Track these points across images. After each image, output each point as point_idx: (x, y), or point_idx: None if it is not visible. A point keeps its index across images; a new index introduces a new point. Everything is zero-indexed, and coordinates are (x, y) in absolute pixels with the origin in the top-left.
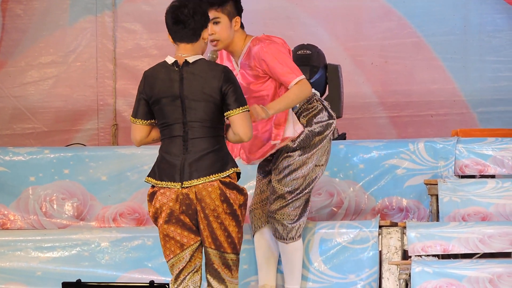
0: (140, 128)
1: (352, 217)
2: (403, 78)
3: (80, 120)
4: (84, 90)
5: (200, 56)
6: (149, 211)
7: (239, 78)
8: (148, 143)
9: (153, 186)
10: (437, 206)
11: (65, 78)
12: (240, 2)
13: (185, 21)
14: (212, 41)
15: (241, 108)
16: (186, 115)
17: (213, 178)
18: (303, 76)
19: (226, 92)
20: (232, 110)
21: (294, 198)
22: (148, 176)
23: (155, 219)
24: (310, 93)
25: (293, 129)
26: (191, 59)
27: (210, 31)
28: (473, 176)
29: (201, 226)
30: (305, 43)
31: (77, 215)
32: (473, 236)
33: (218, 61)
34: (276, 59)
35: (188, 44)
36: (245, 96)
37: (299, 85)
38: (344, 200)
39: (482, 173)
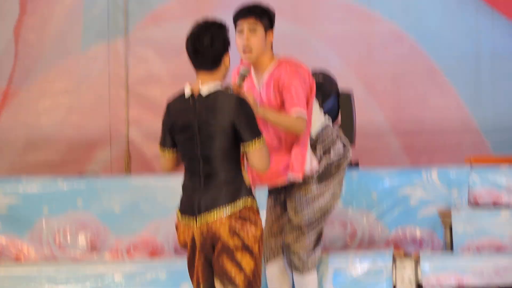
0: (166, 157)
1: (365, 248)
2: (416, 105)
3: (93, 149)
4: (96, 118)
5: (216, 87)
6: (178, 240)
7: (257, 97)
8: (176, 169)
9: (177, 221)
10: (451, 236)
11: (77, 107)
12: (274, 18)
13: (203, 51)
14: (245, 49)
15: (255, 140)
16: (201, 149)
17: (224, 212)
18: (305, 115)
19: (240, 125)
20: (247, 142)
21: (310, 229)
22: (178, 207)
23: (183, 248)
24: (300, 131)
25: (311, 165)
26: (205, 91)
27: (246, 37)
28: (487, 205)
29: (213, 261)
30: (317, 69)
31: (90, 247)
32: (488, 267)
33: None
34: (292, 86)
35: (208, 72)
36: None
37: (299, 119)
38: (357, 231)
39: (496, 202)
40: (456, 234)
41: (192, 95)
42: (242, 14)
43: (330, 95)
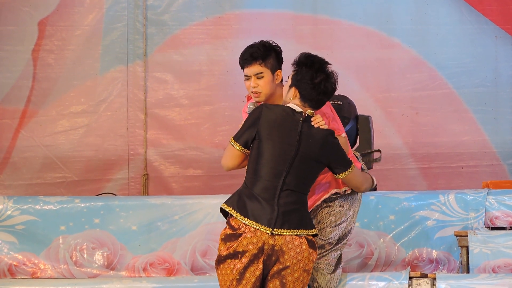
0: (236, 154)
1: (382, 268)
2: (434, 130)
3: (111, 169)
4: (115, 139)
5: None
6: (221, 250)
7: None
8: (236, 169)
9: (233, 229)
10: (467, 257)
11: (96, 128)
12: (281, 54)
13: (327, 95)
14: (254, 92)
15: (348, 170)
16: (292, 166)
17: (302, 233)
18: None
19: (332, 157)
20: (340, 174)
21: (333, 249)
22: (230, 206)
23: (225, 260)
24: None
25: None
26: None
27: (253, 83)
28: (503, 228)
29: (274, 276)
30: (336, 94)
31: (107, 265)
32: None
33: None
34: (328, 115)
35: (311, 109)
36: None
37: (344, 138)
38: (374, 251)
39: None
40: (473, 256)
41: (301, 115)
42: (246, 61)
43: (349, 119)
